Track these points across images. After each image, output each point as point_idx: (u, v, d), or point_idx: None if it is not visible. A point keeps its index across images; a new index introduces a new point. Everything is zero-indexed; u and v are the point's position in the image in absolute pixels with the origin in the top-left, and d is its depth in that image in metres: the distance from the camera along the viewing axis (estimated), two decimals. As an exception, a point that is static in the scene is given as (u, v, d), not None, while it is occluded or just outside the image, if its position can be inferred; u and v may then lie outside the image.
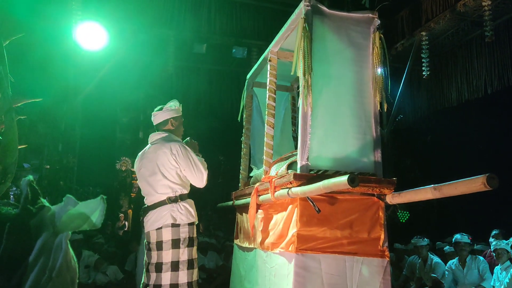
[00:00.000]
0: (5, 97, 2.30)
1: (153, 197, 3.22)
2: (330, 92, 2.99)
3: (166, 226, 3.11)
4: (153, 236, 3.13)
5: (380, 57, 3.06)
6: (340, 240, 2.80)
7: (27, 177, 1.18)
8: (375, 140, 3.02)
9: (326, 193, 2.64)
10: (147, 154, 3.32)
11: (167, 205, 3.16)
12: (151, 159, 3.26)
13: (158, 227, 3.12)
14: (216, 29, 7.87)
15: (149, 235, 3.15)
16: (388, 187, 2.80)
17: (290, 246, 2.79)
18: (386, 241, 2.85)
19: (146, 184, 3.26)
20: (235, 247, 4.40)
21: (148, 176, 3.25)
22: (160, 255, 3.09)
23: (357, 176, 2.26)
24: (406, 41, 7.60)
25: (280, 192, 2.94)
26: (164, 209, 3.15)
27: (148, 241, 3.16)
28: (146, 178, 3.26)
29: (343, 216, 2.84)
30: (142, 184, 3.32)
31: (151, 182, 3.23)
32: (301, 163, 2.83)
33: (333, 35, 3.07)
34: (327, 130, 2.93)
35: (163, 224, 3.11)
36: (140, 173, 3.33)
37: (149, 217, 3.19)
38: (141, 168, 3.32)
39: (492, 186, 1.95)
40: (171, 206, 3.15)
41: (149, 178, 3.24)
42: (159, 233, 3.11)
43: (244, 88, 4.75)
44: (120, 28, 7.10)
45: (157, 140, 3.34)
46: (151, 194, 3.23)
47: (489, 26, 6.19)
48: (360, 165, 2.95)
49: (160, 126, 3.42)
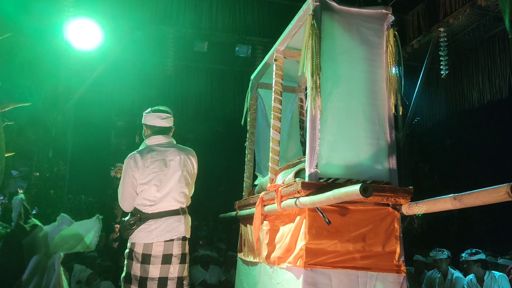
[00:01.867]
0: (-8, 102, 2.31)
1: (163, 204, 3.15)
2: (340, 93, 2.99)
3: (178, 239, 3.11)
4: (158, 248, 3.06)
5: (394, 55, 3.05)
6: (352, 254, 2.79)
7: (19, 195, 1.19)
8: (390, 146, 3.01)
9: (337, 203, 2.62)
10: (168, 155, 3.24)
11: (180, 216, 3.16)
12: (177, 162, 3.23)
13: (168, 239, 3.08)
14: (218, 26, 7.91)
15: (150, 246, 3.06)
16: (404, 196, 2.79)
17: (298, 260, 2.77)
18: (403, 255, 2.83)
19: (163, 189, 3.17)
20: (239, 261, 4.39)
21: (169, 179, 3.19)
22: (166, 269, 3.06)
23: (371, 185, 2.25)
24: (423, 38, 7.59)
25: (287, 202, 2.93)
26: (175, 220, 3.14)
27: (147, 253, 3.06)
28: (165, 183, 3.18)
29: (356, 228, 2.82)
30: (154, 189, 3.16)
31: (172, 188, 3.18)
32: (310, 171, 2.82)
33: (343, 32, 3.07)
34: (337, 135, 2.92)
35: (175, 236, 3.10)
36: (155, 175, 3.17)
37: (151, 226, 3.09)
38: (157, 170, 3.18)
39: (517, 196, 1.93)
40: (184, 217, 3.18)
41: (170, 182, 3.19)
42: (169, 246, 3.07)
43: (248, 89, 4.75)
44: (115, 25, 7.15)
45: (169, 143, 3.33)
46: (163, 201, 3.15)
47: (513, 21, 6.15)
48: (374, 173, 2.94)
49: (166, 130, 3.42)
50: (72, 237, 1.19)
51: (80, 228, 1.21)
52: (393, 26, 3.14)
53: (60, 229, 1.19)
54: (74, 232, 1.20)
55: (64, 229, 1.19)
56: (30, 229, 1.16)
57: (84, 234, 1.21)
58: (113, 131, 11.71)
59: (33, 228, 1.17)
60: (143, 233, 3.08)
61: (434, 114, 8.96)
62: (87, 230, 1.21)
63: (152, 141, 3.33)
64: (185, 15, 7.83)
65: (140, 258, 3.05)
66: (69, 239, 1.19)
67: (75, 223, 1.21)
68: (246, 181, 4.61)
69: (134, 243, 3.10)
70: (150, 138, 3.34)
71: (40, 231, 1.18)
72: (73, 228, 1.20)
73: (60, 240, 1.17)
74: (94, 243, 1.24)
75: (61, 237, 1.18)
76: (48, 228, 1.19)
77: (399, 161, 3.08)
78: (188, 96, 8.70)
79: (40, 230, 1.18)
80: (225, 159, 10.36)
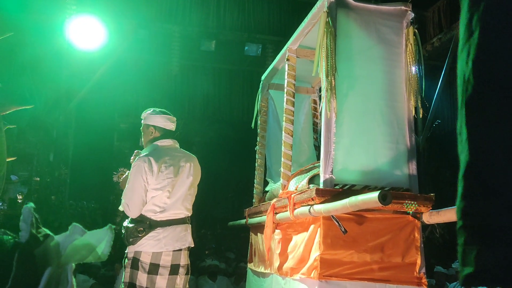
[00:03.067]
0: (-7, 104, 2.34)
1: (172, 212, 3.17)
2: (357, 95, 2.98)
3: (185, 249, 3.14)
4: (167, 258, 3.08)
5: (414, 54, 3.05)
6: (369, 265, 2.78)
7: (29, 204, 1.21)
8: (410, 150, 3.00)
9: (353, 211, 2.62)
10: (180, 161, 3.29)
11: (187, 224, 3.20)
12: (187, 169, 3.28)
13: (176, 249, 3.11)
14: (227, 24, 7.93)
15: (159, 256, 3.07)
16: (425, 204, 2.77)
17: (313, 271, 2.77)
18: (424, 266, 2.82)
19: (174, 196, 3.19)
20: (249, 272, 4.39)
21: (180, 186, 3.23)
22: (173, 280, 3.08)
23: (390, 192, 2.24)
24: (444, 36, 7.56)
25: (300, 209, 2.93)
26: (183, 229, 3.18)
27: (155, 263, 3.06)
28: (177, 189, 3.21)
29: (373, 237, 2.81)
30: (166, 195, 3.17)
31: (182, 195, 3.22)
32: (325, 177, 2.82)
33: (360, 30, 3.07)
34: (354, 139, 2.91)
35: (183, 246, 3.14)
36: (169, 181, 3.20)
37: (160, 235, 3.10)
38: (171, 176, 3.21)
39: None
40: (189, 226, 3.21)
41: (181, 189, 3.23)
42: (177, 256, 3.09)
43: (258, 90, 4.76)
44: (119, 23, 7.20)
45: (177, 148, 3.40)
46: (172, 208, 3.17)
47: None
48: (393, 179, 2.93)
49: (173, 134, 3.46)
50: (84, 247, 1.21)
51: (92, 238, 1.22)
52: (413, 23, 3.13)
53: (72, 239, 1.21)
54: (86, 242, 1.22)
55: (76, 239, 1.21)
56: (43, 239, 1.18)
57: (96, 244, 1.22)
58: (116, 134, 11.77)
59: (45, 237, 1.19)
60: (152, 241, 3.08)
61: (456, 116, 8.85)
62: (99, 240, 1.22)
63: (164, 143, 3.35)
64: (192, 12, 7.87)
65: (148, 268, 3.05)
66: (80, 249, 1.20)
67: (88, 232, 1.23)
68: (256, 187, 4.61)
69: (140, 251, 3.08)
70: (162, 141, 3.35)
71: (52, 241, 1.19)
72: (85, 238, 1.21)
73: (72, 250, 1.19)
74: (106, 253, 1.25)
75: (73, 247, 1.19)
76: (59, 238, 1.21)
77: (419, 166, 3.06)
78: (195, 98, 8.72)
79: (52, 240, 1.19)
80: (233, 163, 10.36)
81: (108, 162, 11.47)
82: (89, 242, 1.22)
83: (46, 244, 1.18)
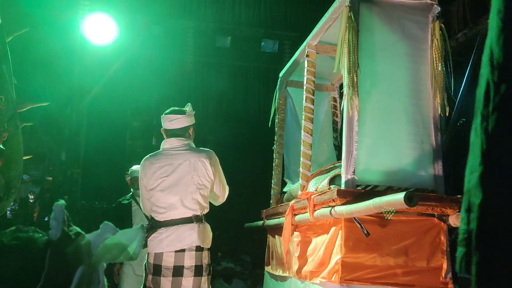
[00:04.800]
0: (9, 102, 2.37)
1: (174, 212, 3.19)
2: (380, 92, 2.97)
3: (190, 249, 3.12)
4: (169, 259, 3.08)
5: (440, 50, 3.02)
6: (393, 269, 2.76)
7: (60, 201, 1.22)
8: (435, 150, 2.98)
9: (376, 213, 2.61)
10: (174, 160, 3.28)
11: (193, 224, 3.17)
12: (186, 166, 3.26)
13: (179, 249, 3.10)
14: (242, 20, 7.93)
15: (160, 256, 3.08)
16: (451, 206, 2.74)
17: (334, 275, 2.77)
18: (450, 271, 2.79)
19: (171, 195, 3.21)
20: (266, 275, 4.40)
21: (176, 185, 3.23)
22: (178, 282, 3.07)
23: (415, 194, 2.23)
24: (469, 31, 7.48)
25: (320, 211, 2.93)
26: (188, 228, 3.15)
27: (157, 264, 3.07)
28: (173, 188, 3.22)
29: (397, 240, 2.80)
30: (162, 195, 3.22)
31: (181, 194, 3.21)
32: (347, 177, 2.81)
33: (383, 25, 3.06)
34: (377, 138, 2.90)
35: (187, 246, 3.12)
36: (161, 181, 3.24)
37: (162, 235, 3.11)
38: (164, 175, 3.24)
39: None
40: (197, 226, 3.17)
41: (178, 188, 3.22)
42: (180, 256, 3.11)
43: (276, 88, 4.76)
44: (132, 20, 7.26)
45: (182, 146, 3.35)
46: (173, 208, 3.19)
47: None
48: (417, 180, 2.91)
49: (179, 132, 3.43)
50: (115, 247, 1.22)
51: (123, 237, 1.23)
52: (439, 18, 3.10)
53: (103, 238, 1.22)
54: (117, 241, 1.23)
55: (108, 238, 1.22)
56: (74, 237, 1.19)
57: (128, 244, 1.23)
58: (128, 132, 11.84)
59: (77, 236, 1.20)
60: (154, 242, 3.10)
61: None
62: (130, 239, 1.24)
63: (165, 144, 3.39)
64: (206, 8, 7.89)
65: (152, 269, 3.07)
66: (112, 249, 1.21)
67: (119, 231, 1.24)
68: (274, 188, 4.62)
69: (148, 253, 3.15)
70: (164, 142, 3.41)
71: (83, 239, 1.21)
72: (117, 237, 1.23)
73: (103, 249, 1.20)
74: (137, 253, 1.27)
75: (104, 247, 1.21)
76: (91, 236, 1.22)
77: (445, 167, 3.03)
78: (209, 95, 8.73)
79: (83, 239, 1.21)
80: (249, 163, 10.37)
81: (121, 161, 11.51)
82: (121, 241, 1.24)
83: (78, 242, 1.19)
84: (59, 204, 1.21)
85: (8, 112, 2.35)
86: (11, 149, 2.36)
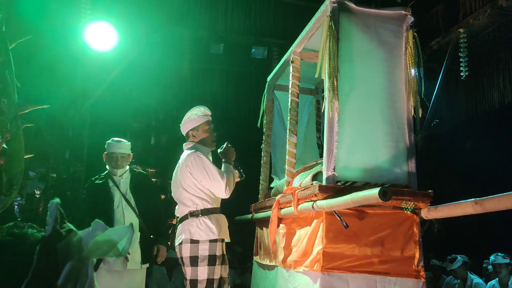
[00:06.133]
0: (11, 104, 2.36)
1: (179, 210, 3.41)
2: (358, 95, 2.98)
3: (185, 241, 3.20)
4: (178, 251, 3.30)
5: (413, 57, 3.03)
6: (370, 258, 2.77)
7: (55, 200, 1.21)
8: (409, 149, 2.98)
9: (355, 207, 2.61)
10: (178, 163, 3.49)
11: (188, 219, 3.26)
12: (176, 171, 3.46)
13: (179, 242, 3.27)
14: (234, 28, 7.89)
15: (175, 249, 3.36)
16: (423, 200, 2.76)
17: (315, 264, 2.77)
18: (422, 260, 2.80)
19: (174, 195, 3.47)
20: (255, 264, 4.39)
21: (175, 188, 3.46)
22: (184, 270, 3.28)
23: (390, 189, 2.23)
24: (442, 39, 7.51)
25: (304, 205, 2.92)
26: (185, 224, 3.29)
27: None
28: (174, 191, 3.47)
29: (374, 232, 2.81)
30: (173, 196, 3.51)
31: (177, 196, 3.43)
32: (327, 174, 2.81)
33: (361, 34, 3.06)
34: (355, 138, 2.91)
35: (182, 239, 3.22)
36: (172, 182, 3.54)
37: (177, 231, 3.40)
38: (172, 181, 3.52)
39: (541, 200, 1.90)
40: (191, 220, 3.24)
41: (176, 190, 3.44)
42: (180, 249, 3.23)
43: (264, 91, 4.75)
44: (132, 28, 7.19)
45: (184, 150, 3.54)
46: (179, 208, 3.43)
47: (535, 22, 6.08)
48: (392, 176, 2.92)
49: (186, 139, 3.61)
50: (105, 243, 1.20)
51: (113, 235, 1.22)
52: (413, 27, 3.11)
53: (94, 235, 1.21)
54: (107, 238, 1.21)
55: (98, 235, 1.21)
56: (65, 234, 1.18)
57: (117, 241, 1.22)
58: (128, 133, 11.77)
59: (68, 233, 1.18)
60: None
61: (453, 116, 8.85)
62: (120, 236, 1.22)
63: None
64: (201, 17, 7.84)
65: None
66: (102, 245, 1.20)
67: (109, 229, 1.23)
68: (262, 183, 4.61)
69: None
70: None
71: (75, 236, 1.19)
72: (107, 234, 1.21)
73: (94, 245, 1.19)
74: (126, 249, 1.25)
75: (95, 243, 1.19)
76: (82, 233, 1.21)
77: (418, 164, 3.04)
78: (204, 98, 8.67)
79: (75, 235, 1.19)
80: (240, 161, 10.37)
81: (121, 160, 11.47)
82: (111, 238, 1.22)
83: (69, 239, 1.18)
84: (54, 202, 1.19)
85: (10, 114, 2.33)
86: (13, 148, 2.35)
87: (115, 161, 4.19)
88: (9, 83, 2.36)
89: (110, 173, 4.23)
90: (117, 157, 4.20)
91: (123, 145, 4.31)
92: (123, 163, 4.24)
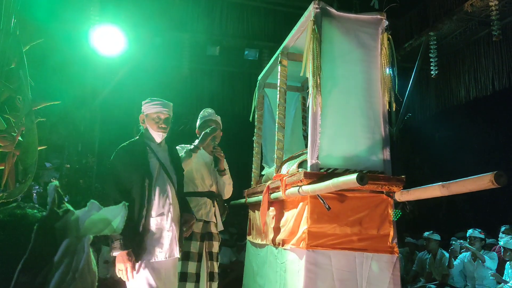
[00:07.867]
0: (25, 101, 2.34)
1: None
2: (339, 92, 2.97)
3: None
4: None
5: (388, 57, 3.02)
6: (350, 236, 2.78)
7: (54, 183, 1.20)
8: (384, 139, 2.98)
9: (336, 191, 2.61)
10: None
11: None
12: None
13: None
14: (229, 32, 7.87)
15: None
16: (397, 184, 2.77)
17: (301, 242, 2.77)
18: (395, 237, 2.82)
19: None
20: (248, 243, 4.39)
21: None
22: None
23: (366, 174, 2.23)
24: (415, 41, 7.54)
25: (291, 190, 2.92)
26: None
27: None
28: None
29: (353, 213, 2.81)
30: None
31: None
32: (311, 162, 2.81)
33: (341, 36, 3.04)
34: (336, 129, 2.90)
35: None
36: None
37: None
38: None
39: (500, 183, 1.90)
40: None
41: None
42: None
43: (255, 89, 4.73)
44: (137, 32, 7.14)
45: None
46: None
47: (496, 26, 6.12)
48: (369, 164, 2.92)
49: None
50: (101, 221, 1.20)
51: (108, 214, 1.21)
52: (387, 30, 3.10)
53: (90, 214, 1.20)
54: (102, 217, 1.21)
55: (94, 214, 1.20)
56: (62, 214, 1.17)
57: (112, 219, 1.21)
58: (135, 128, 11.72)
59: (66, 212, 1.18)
60: None
61: (424, 110, 8.90)
62: (114, 215, 1.21)
63: None
64: (199, 22, 7.81)
65: None
66: (97, 223, 1.19)
67: (103, 208, 1.22)
68: (254, 171, 4.61)
69: None
70: None
71: (72, 215, 1.18)
72: (102, 213, 1.20)
73: (90, 224, 1.18)
74: (120, 227, 1.25)
75: (91, 221, 1.18)
76: (79, 212, 1.20)
77: (393, 153, 3.05)
78: (202, 96, 8.67)
79: (72, 215, 1.18)
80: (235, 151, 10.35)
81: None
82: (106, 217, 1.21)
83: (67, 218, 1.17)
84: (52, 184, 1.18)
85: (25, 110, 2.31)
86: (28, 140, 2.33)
87: (162, 122, 3.11)
88: (23, 82, 2.34)
89: (146, 139, 3.16)
90: (166, 117, 3.13)
91: (169, 105, 3.21)
92: (168, 126, 3.16)
